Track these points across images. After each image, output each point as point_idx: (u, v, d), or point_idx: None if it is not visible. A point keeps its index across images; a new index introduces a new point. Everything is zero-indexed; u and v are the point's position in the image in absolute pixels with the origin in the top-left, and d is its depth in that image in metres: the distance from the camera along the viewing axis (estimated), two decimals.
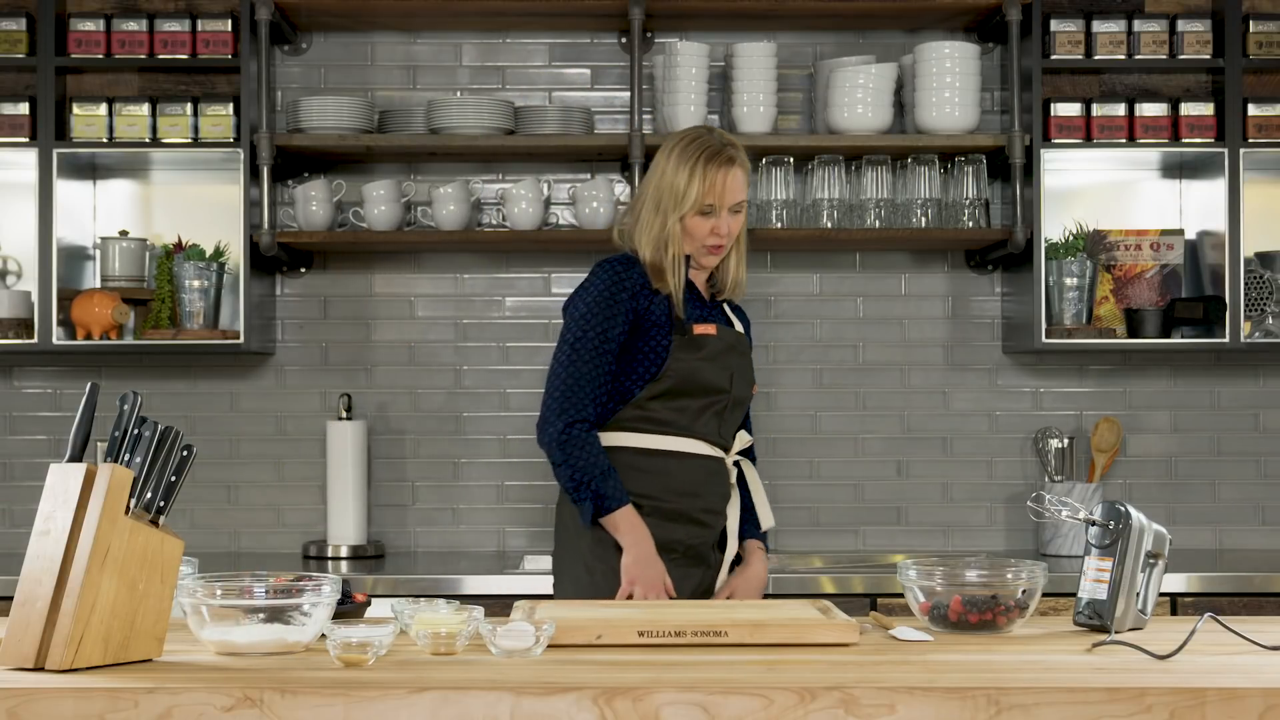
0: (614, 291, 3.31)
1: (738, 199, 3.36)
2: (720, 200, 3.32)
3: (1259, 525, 4.62)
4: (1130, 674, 2.29)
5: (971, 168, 4.39)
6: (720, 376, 3.36)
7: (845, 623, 2.56)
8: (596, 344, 3.28)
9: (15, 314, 4.33)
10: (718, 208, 3.33)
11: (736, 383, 3.40)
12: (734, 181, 3.34)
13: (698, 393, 3.33)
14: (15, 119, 4.30)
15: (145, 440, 2.42)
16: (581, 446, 3.25)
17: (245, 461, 4.60)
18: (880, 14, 4.48)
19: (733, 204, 3.35)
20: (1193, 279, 4.55)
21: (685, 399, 3.32)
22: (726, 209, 3.34)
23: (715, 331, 3.38)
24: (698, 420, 3.34)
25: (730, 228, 3.35)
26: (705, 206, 3.32)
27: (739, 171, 3.36)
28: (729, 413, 3.40)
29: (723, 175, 3.32)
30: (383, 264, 4.62)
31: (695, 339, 3.34)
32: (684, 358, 3.32)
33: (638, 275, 3.34)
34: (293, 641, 2.46)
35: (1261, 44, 4.36)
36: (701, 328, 3.36)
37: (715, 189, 3.31)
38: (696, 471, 3.34)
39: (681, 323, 3.34)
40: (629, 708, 2.14)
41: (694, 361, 3.32)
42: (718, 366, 3.36)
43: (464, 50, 4.63)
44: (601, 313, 3.29)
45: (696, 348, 3.34)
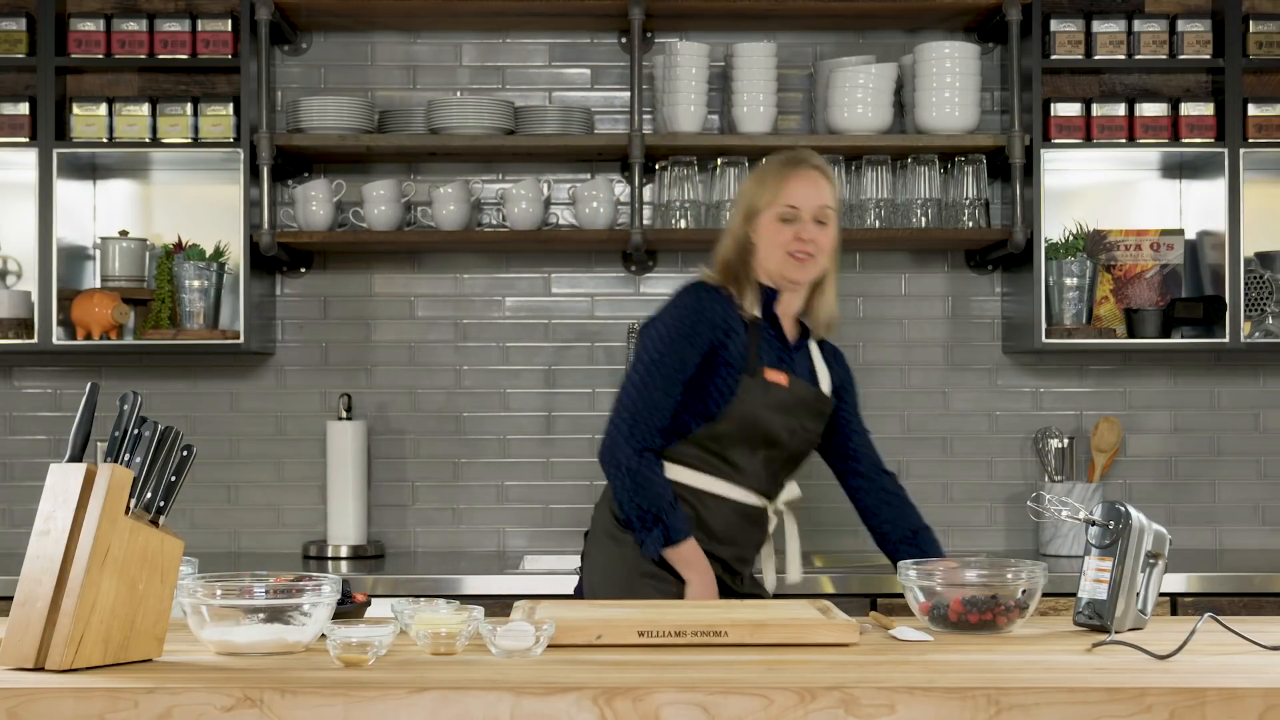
0: (695, 319, 3.20)
1: (820, 203, 3.21)
2: (800, 202, 3.19)
3: (1259, 525, 4.62)
4: (1130, 674, 2.29)
5: (971, 168, 4.39)
6: (781, 429, 3.24)
7: (845, 623, 2.56)
8: (671, 372, 3.18)
9: (15, 314, 4.33)
10: (799, 212, 3.20)
11: (796, 439, 3.27)
12: (813, 185, 3.21)
13: (755, 441, 3.22)
14: (15, 119, 4.30)
15: (145, 440, 2.42)
16: (650, 478, 3.16)
17: (245, 461, 4.60)
18: (880, 14, 4.48)
19: (816, 210, 3.20)
20: (1193, 279, 4.55)
21: (741, 446, 3.22)
22: (809, 216, 3.20)
23: (787, 382, 3.23)
24: (749, 468, 3.24)
25: (817, 238, 3.20)
26: (784, 211, 3.20)
27: (819, 176, 3.22)
28: (782, 466, 3.30)
29: (799, 176, 3.21)
30: (383, 264, 4.62)
31: (765, 384, 3.21)
32: (749, 401, 3.20)
33: (720, 305, 3.22)
34: (293, 641, 2.45)
35: (1261, 44, 4.36)
36: (774, 374, 3.22)
37: (791, 190, 3.20)
38: (734, 517, 3.26)
39: (755, 364, 3.20)
40: (629, 708, 2.14)
41: (758, 408, 3.20)
42: (782, 418, 3.23)
43: (464, 50, 4.63)
44: (681, 339, 3.18)
45: (763, 393, 3.21)
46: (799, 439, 3.28)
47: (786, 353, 3.27)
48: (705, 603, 3.00)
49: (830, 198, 3.23)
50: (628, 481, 3.17)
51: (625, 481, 3.17)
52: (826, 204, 3.22)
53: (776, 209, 3.20)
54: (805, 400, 3.27)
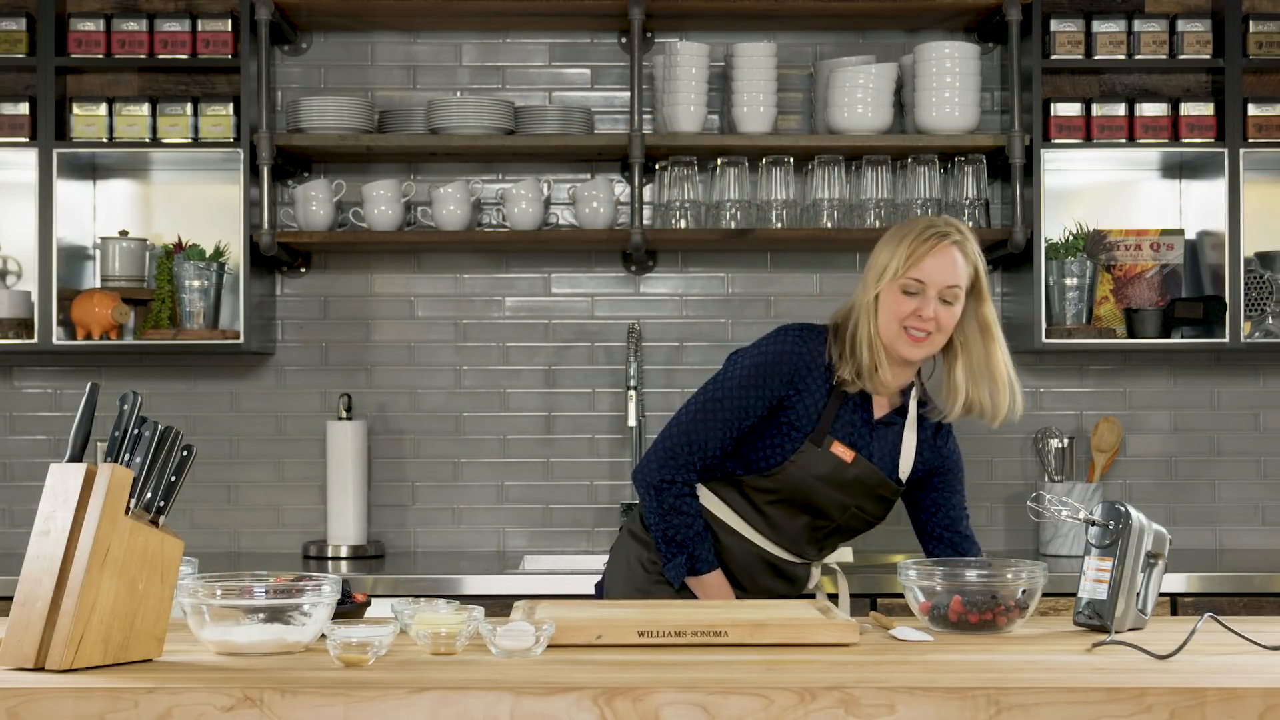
0: (774, 367, 3.08)
1: (950, 282, 3.02)
2: (928, 278, 3.01)
3: (1259, 525, 4.62)
4: (1130, 674, 2.29)
5: (971, 168, 4.39)
6: (831, 504, 3.13)
7: (845, 623, 2.56)
8: (729, 415, 3.08)
9: (15, 314, 4.33)
10: (925, 286, 3.02)
11: (848, 516, 3.16)
12: (945, 260, 3.02)
13: (800, 507, 3.13)
14: (15, 119, 4.30)
15: (145, 440, 2.42)
16: (677, 508, 3.10)
17: (245, 461, 4.60)
18: (880, 14, 4.48)
19: (944, 287, 3.02)
20: (1193, 279, 4.55)
21: (784, 506, 3.13)
22: (935, 292, 3.02)
23: (851, 460, 3.09)
24: (788, 529, 3.16)
25: (940, 316, 3.02)
26: (909, 284, 3.02)
27: (957, 253, 3.04)
28: (827, 536, 3.19)
29: (930, 248, 3.02)
30: (383, 264, 4.62)
31: (827, 455, 3.08)
32: (803, 467, 3.08)
33: (807, 356, 3.09)
34: (293, 641, 2.46)
35: (1261, 44, 4.36)
36: (840, 448, 3.08)
37: (919, 262, 3.01)
38: (758, 564, 3.18)
39: (824, 433, 3.08)
40: (629, 708, 2.14)
41: (812, 479, 3.09)
42: (835, 494, 3.11)
43: (464, 50, 4.63)
44: (752, 383, 3.08)
45: (822, 465, 3.08)
46: (851, 517, 3.17)
47: (867, 428, 3.13)
48: (705, 603, 2.99)
49: (963, 277, 3.05)
50: (654, 505, 3.12)
51: (651, 504, 3.13)
52: (956, 284, 3.04)
53: (902, 280, 3.03)
54: (866, 482, 3.12)
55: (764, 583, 3.21)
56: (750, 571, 3.19)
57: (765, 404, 3.08)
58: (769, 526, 3.17)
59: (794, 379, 3.08)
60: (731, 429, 3.09)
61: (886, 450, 3.16)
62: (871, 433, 3.14)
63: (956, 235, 3.06)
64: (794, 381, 3.08)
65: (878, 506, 3.19)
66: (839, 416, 3.10)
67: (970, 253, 3.07)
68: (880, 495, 3.17)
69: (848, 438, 3.11)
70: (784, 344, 3.11)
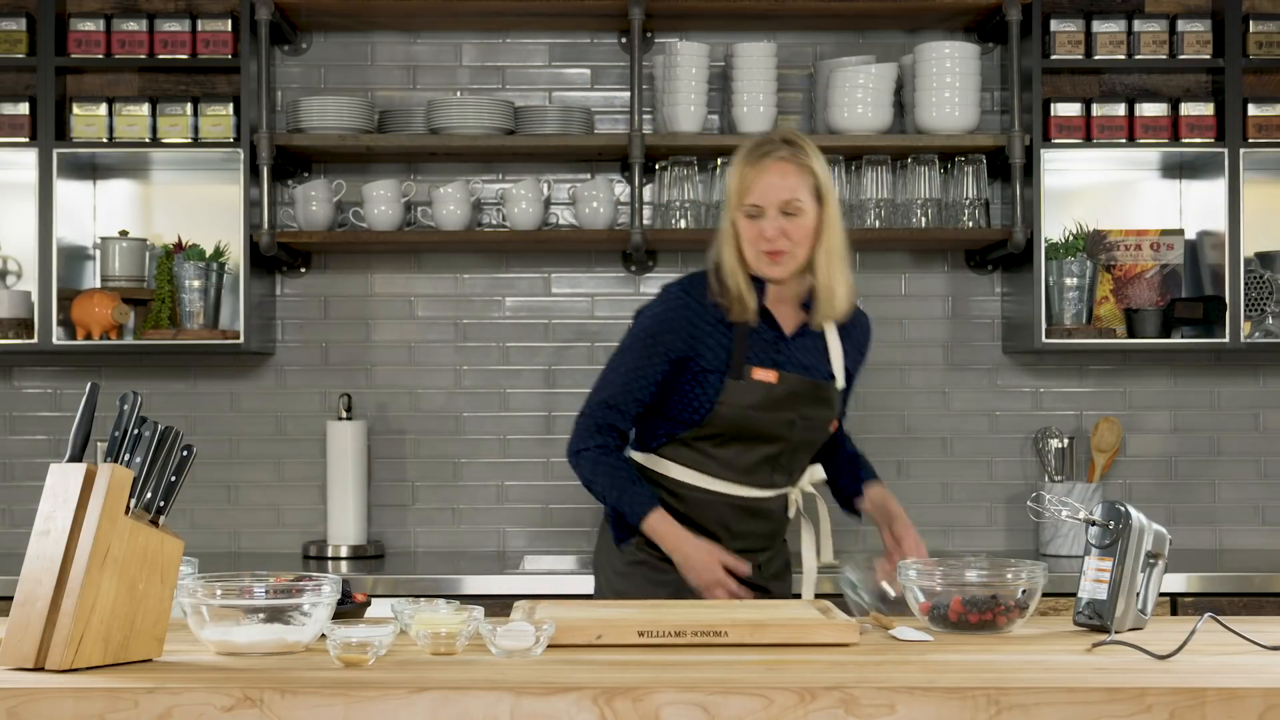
0: (664, 328, 3.13)
1: (784, 197, 3.06)
2: (762, 199, 3.07)
3: (1259, 525, 4.62)
4: (1130, 674, 2.29)
5: (971, 168, 4.39)
6: (777, 425, 3.14)
7: (845, 623, 2.56)
8: (629, 375, 3.14)
9: (15, 314, 4.33)
10: (763, 208, 3.07)
11: (798, 430, 3.17)
12: (771, 177, 3.07)
13: (749, 439, 3.14)
14: (15, 119, 4.30)
15: (145, 440, 2.42)
16: (596, 470, 3.14)
17: (245, 461, 4.60)
18: (880, 14, 4.48)
19: (781, 204, 3.07)
20: (1193, 279, 4.55)
21: (736, 445, 3.14)
22: (774, 211, 3.07)
23: (776, 379, 3.12)
24: (745, 464, 3.17)
25: (788, 231, 3.06)
26: (748, 208, 3.08)
27: (779, 165, 3.08)
28: (788, 457, 3.20)
29: (756, 170, 3.08)
30: (383, 264, 4.62)
31: (751, 385, 3.11)
32: (734, 404, 3.11)
33: (699, 309, 3.13)
34: (293, 641, 2.45)
35: (1261, 44, 4.36)
36: (762, 373, 3.12)
37: (751, 185, 3.07)
38: (729, 511, 3.19)
39: (740, 365, 3.12)
40: (629, 708, 2.14)
41: (744, 410, 3.11)
42: (775, 414, 3.13)
43: (464, 50, 4.63)
44: (646, 346, 3.13)
45: (750, 394, 3.11)
46: (803, 429, 3.18)
47: (784, 344, 3.17)
48: (705, 603, 2.97)
49: (799, 188, 3.08)
50: (581, 475, 3.18)
51: (583, 471, 3.18)
52: (792, 197, 3.07)
53: (743, 207, 3.09)
54: (800, 393, 3.15)
55: (742, 528, 3.21)
56: (725, 521, 3.19)
57: (664, 361, 3.13)
58: (727, 469, 3.17)
59: (689, 333, 3.13)
60: (634, 389, 3.14)
61: (813, 357, 3.21)
62: (790, 347, 3.18)
63: (782, 150, 3.10)
64: (691, 335, 3.12)
65: (823, 409, 3.20)
66: (750, 345, 3.13)
67: (804, 161, 3.10)
68: (820, 397, 3.19)
69: (767, 360, 3.14)
70: (669, 303, 3.16)
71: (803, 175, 3.10)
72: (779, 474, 3.22)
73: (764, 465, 3.19)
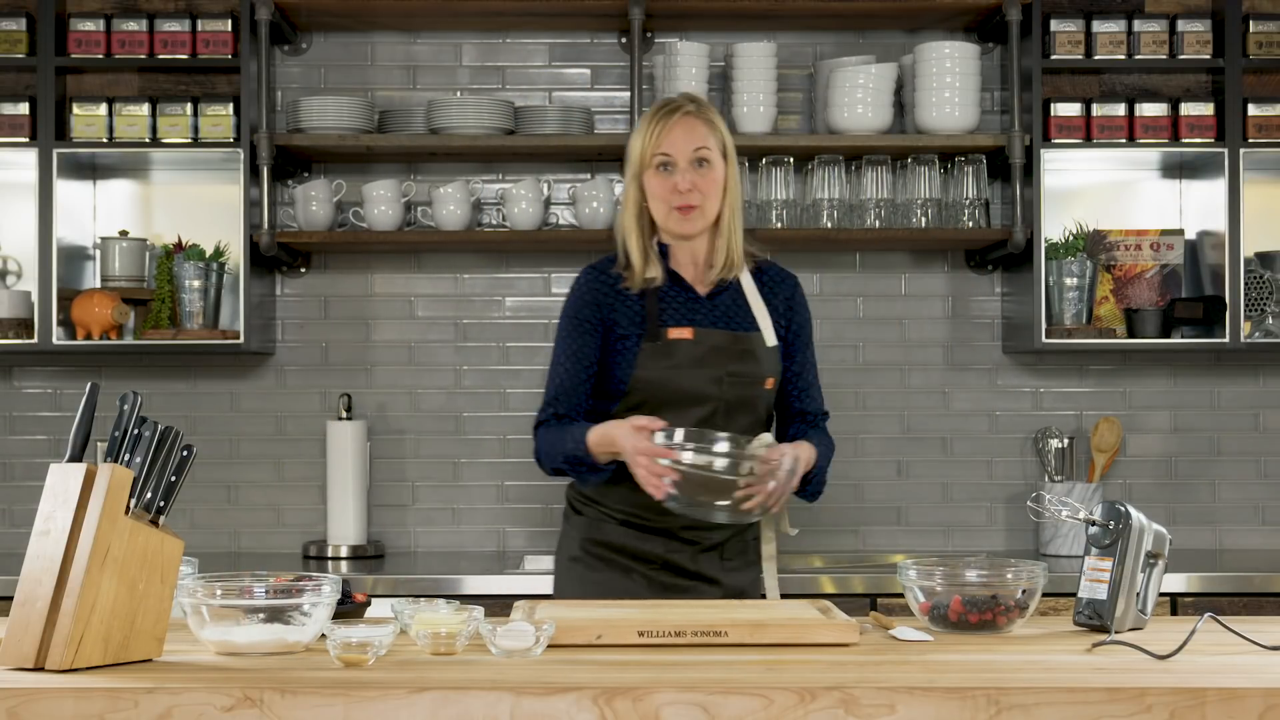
0: (580, 306, 3.16)
1: (694, 146, 3.09)
2: (674, 149, 3.09)
3: (1259, 525, 4.63)
4: (1130, 674, 2.29)
5: (971, 168, 4.39)
6: (703, 382, 3.10)
7: (845, 623, 2.56)
8: (564, 360, 3.14)
9: (15, 314, 4.33)
10: (674, 158, 3.09)
11: (726, 387, 3.11)
12: (684, 129, 3.10)
13: (678, 403, 3.09)
14: (15, 119, 4.30)
15: (145, 440, 2.42)
16: (540, 446, 3.15)
17: (245, 461, 4.61)
18: (880, 14, 4.48)
19: (692, 154, 3.09)
20: (1193, 279, 4.55)
21: (667, 410, 3.06)
22: (686, 161, 3.09)
23: (691, 335, 3.11)
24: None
25: (699, 184, 3.09)
26: (659, 159, 3.10)
27: (687, 120, 3.11)
28: (724, 418, 3.11)
29: (666, 124, 3.10)
30: (383, 264, 4.62)
31: (667, 345, 3.10)
32: (653, 367, 3.09)
33: (607, 281, 3.16)
34: (293, 641, 2.46)
35: (1261, 44, 4.36)
36: (677, 331, 3.11)
37: (662, 137, 3.09)
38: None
39: (655, 327, 3.11)
40: (629, 708, 2.14)
41: (664, 370, 3.09)
42: (697, 372, 3.10)
43: (464, 50, 4.63)
44: (569, 328, 3.16)
45: (668, 355, 3.09)
46: (731, 385, 3.11)
47: (700, 303, 3.15)
48: (706, 603, 2.94)
49: (708, 138, 3.11)
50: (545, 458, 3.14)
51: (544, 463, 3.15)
52: (702, 145, 3.10)
53: (655, 160, 3.11)
54: (721, 346, 3.11)
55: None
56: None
57: (592, 334, 3.13)
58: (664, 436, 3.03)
59: (602, 303, 3.15)
60: (575, 372, 3.13)
61: (733, 312, 3.18)
62: (706, 305, 3.16)
63: (690, 105, 3.14)
64: (605, 305, 3.14)
65: (751, 363, 3.15)
66: (663, 308, 3.13)
67: (711, 119, 3.15)
68: (745, 350, 3.14)
69: (683, 319, 3.13)
70: (579, 282, 3.21)
71: (710, 129, 3.13)
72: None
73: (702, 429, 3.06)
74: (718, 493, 2.92)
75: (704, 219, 3.13)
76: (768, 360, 3.18)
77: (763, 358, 3.17)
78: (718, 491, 2.92)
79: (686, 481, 2.91)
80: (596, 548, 3.20)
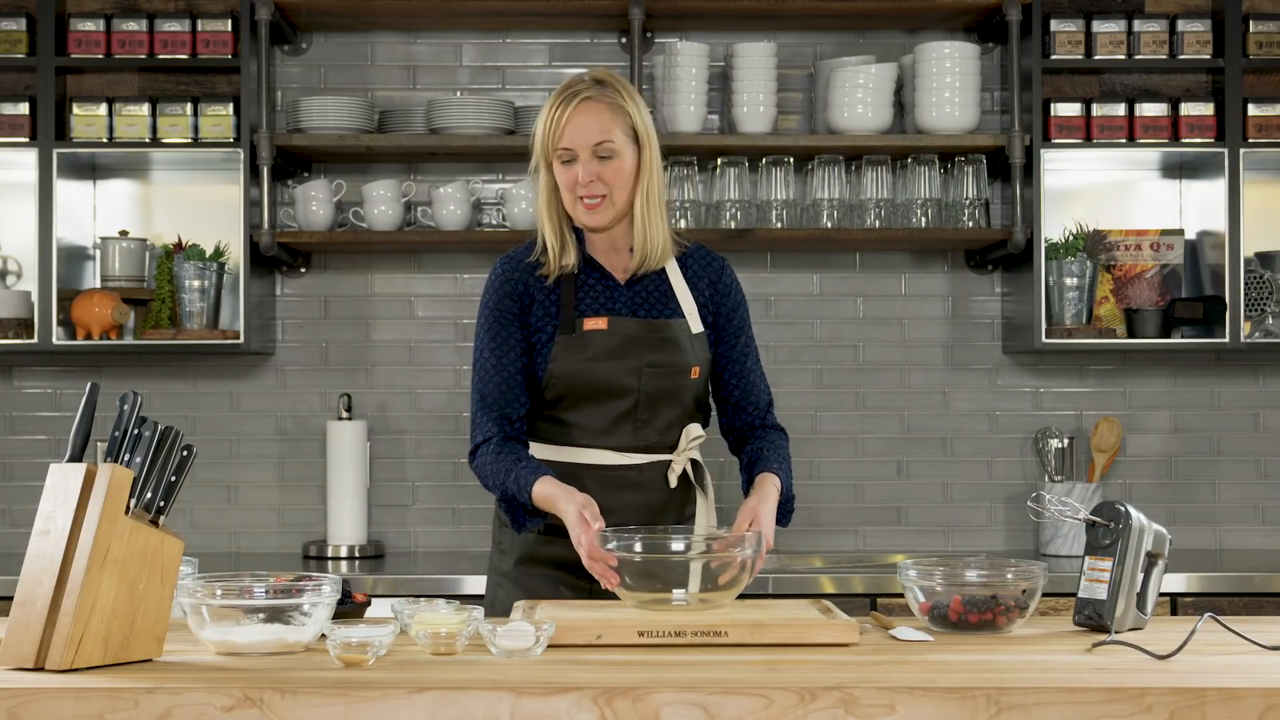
0: (499, 298, 2.98)
1: (597, 139, 2.89)
2: (574, 141, 2.89)
3: (1259, 525, 4.63)
4: (1130, 674, 2.29)
5: (971, 168, 4.39)
6: (620, 374, 2.94)
7: (845, 623, 2.56)
8: (486, 359, 2.97)
9: (15, 314, 4.33)
10: (574, 151, 2.90)
11: (649, 377, 2.95)
12: (584, 117, 2.89)
13: (596, 396, 2.95)
14: (15, 119, 4.30)
15: (145, 440, 2.42)
16: (481, 470, 2.96)
17: (245, 461, 4.61)
18: (880, 14, 4.48)
19: (592, 146, 2.90)
20: (1193, 279, 4.55)
21: (586, 405, 2.95)
22: (587, 155, 2.90)
23: (605, 325, 2.95)
24: (599, 425, 2.96)
25: (603, 175, 2.91)
26: (560, 153, 2.91)
27: (588, 105, 2.90)
28: (647, 411, 2.96)
29: (565, 111, 2.90)
30: (383, 264, 4.62)
31: (581, 337, 2.94)
32: (567, 360, 2.94)
33: (523, 270, 2.99)
34: (293, 641, 2.45)
35: (1261, 44, 4.36)
36: (592, 322, 2.94)
37: (563, 127, 2.89)
38: (599, 484, 2.93)
39: (570, 318, 2.95)
40: (629, 708, 2.14)
41: (579, 363, 2.93)
42: (616, 364, 2.94)
43: (464, 50, 4.63)
44: (490, 325, 2.98)
45: (581, 347, 2.94)
46: (652, 377, 2.95)
47: (619, 291, 2.99)
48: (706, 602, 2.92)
49: (611, 128, 2.91)
50: (478, 474, 2.97)
51: (478, 475, 2.98)
52: (604, 138, 2.90)
53: (556, 153, 2.92)
54: (637, 336, 2.95)
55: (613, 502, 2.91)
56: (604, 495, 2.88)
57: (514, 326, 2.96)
58: (585, 434, 2.97)
59: (519, 294, 2.97)
60: (500, 368, 2.95)
61: (656, 299, 3.01)
62: (625, 293, 3.00)
63: (589, 90, 2.92)
64: (522, 295, 2.97)
65: (672, 351, 2.98)
66: (581, 298, 2.98)
67: (616, 101, 2.93)
68: (665, 338, 2.98)
69: (600, 308, 2.97)
70: (495, 273, 3.01)
71: (615, 115, 2.92)
72: (642, 431, 2.98)
73: (621, 423, 2.97)
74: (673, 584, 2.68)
75: (612, 208, 2.94)
76: (692, 349, 3.01)
77: (685, 346, 3.00)
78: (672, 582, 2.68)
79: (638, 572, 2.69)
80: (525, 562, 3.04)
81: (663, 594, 2.66)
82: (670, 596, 2.65)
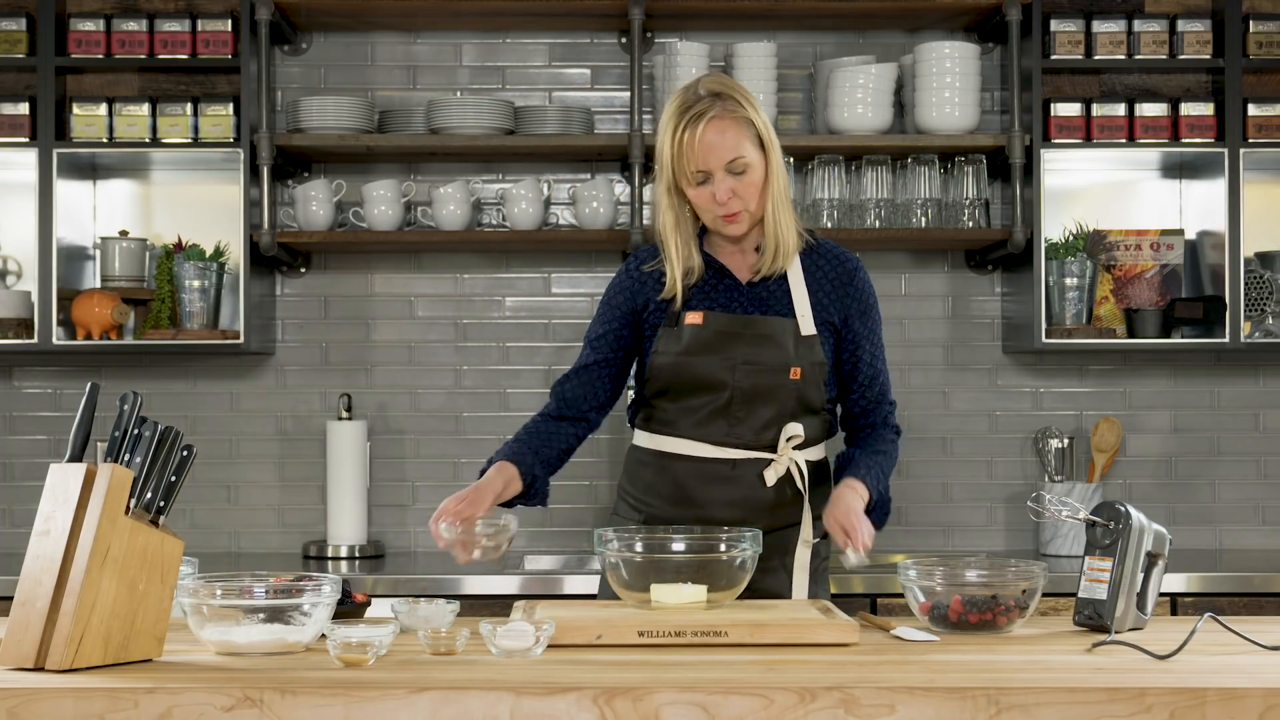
0: (613, 293, 3.09)
1: (726, 159, 2.90)
2: (707, 164, 2.90)
3: (1259, 525, 4.63)
4: (1130, 674, 2.29)
5: (971, 168, 4.39)
6: (715, 369, 2.98)
7: (845, 623, 2.56)
8: (585, 348, 3.11)
9: (15, 314, 4.33)
10: (709, 172, 2.91)
11: (742, 375, 2.97)
12: (709, 139, 2.89)
13: (691, 390, 3.00)
14: (15, 119, 4.30)
15: (145, 440, 2.42)
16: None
17: (245, 461, 4.61)
18: (880, 14, 4.48)
19: (727, 165, 2.91)
20: (1193, 279, 4.55)
21: (685, 397, 3.01)
22: (720, 174, 2.91)
23: (701, 320, 2.99)
24: (699, 419, 3.01)
25: (739, 190, 2.92)
26: (695, 175, 2.92)
27: (719, 124, 2.90)
28: (740, 407, 2.99)
29: (694, 133, 2.89)
30: (383, 264, 4.62)
31: (680, 329, 3.00)
32: (666, 353, 3.01)
33: (646, 273, 3.06)
34: (293, 641, 2.46)
35: (1261, 44, 4.36)
36: (691, 316, 2.99)
37: (695, 151, 2.90)
38: (691, 476, 3.01)
39: (674, 312, 3.01)
40: (629, 708, 2.14)
41: (676, 356, 2.99)
42: (710, 358, 2.98)
43: (464, 50, 4.63)
44: (600, 314, 3.11)
45: (678, 340, 3.00)
46: (746, 374, 2.97)
47: (738, 290, 3.02)
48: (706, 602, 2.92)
49: (741, 142, 2.91)
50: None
51: None
52: (736, 155, 2.90)
53: (686, 176, 2.93)
54: (732, 332, 2.98)
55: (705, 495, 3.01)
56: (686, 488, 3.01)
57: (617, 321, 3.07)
58: (681, 425, 3.03)
59: (636, 291, 3.06)
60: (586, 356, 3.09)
61: (771, 297, 3.03)
62: (748, 290, 3.03)
63: (712, 109, 2.91)
64: (639, 293, 3.06)
65: (769, 349, 2.99)
66: (694, 294, 3.02)
67: (740, 113, 2.92)
68: (762, 335, 2.99)
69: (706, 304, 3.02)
70: (624, 268, 3.12)
71: (742, 128, 2.93)
72: (737, 428, 3.00)
73: (716, 419, 3.00)
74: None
75: (750, 219, 2.98)
76: (795, 349, 3.00)
77: (786, 345, 2.99)
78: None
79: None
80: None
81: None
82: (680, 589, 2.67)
